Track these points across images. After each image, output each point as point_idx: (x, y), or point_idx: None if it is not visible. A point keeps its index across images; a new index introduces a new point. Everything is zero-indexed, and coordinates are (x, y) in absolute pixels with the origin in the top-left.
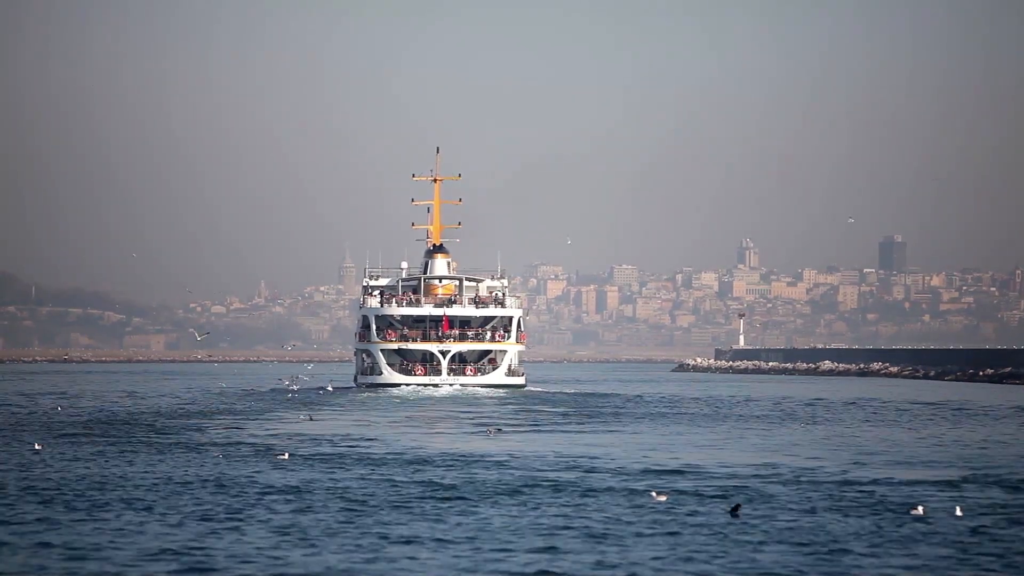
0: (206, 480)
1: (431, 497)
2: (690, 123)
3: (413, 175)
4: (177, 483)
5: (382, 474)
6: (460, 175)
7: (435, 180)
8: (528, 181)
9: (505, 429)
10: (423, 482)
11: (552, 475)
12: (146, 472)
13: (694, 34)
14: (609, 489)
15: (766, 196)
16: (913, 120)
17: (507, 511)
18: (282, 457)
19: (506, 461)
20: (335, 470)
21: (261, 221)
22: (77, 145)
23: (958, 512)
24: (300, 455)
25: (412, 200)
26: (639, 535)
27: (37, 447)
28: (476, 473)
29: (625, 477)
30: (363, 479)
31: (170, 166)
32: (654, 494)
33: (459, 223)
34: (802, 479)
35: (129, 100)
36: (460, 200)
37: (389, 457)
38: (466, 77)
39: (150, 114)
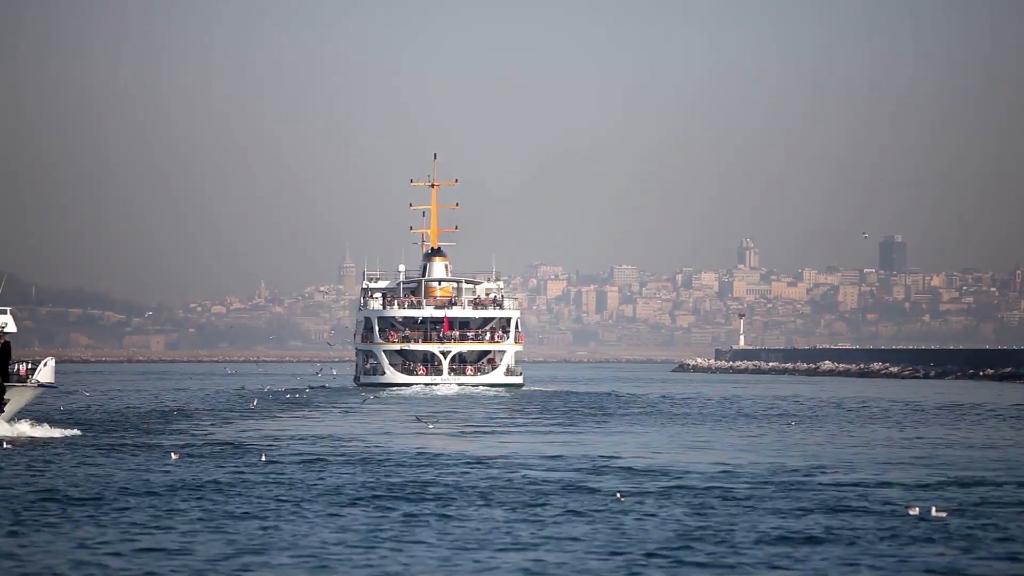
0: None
1: (392, 497)
2: (690, 123)
3: (411, 180)
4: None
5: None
6: (457, 180)
7: (432, 185)
8: (528, 181)
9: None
10: (386, 483)
11: (523, 474)
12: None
13: (694, 34)
14: (580, 488)
15: (766, 196)
16: (913, 120)
17: (465, 511)
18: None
19: (483, 461)
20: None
21: (261, 221)
22: (77, 145)
23: (934, 512)
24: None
25: (410, 205)
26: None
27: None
28: (448, 473)
29: (599, 477)
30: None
31: (170, 166)
32: (619, 495)
33: (456, 227)
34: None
35: (129, 100)
36: (457, 204)
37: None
38: (466, 77)
39: (150, 114)
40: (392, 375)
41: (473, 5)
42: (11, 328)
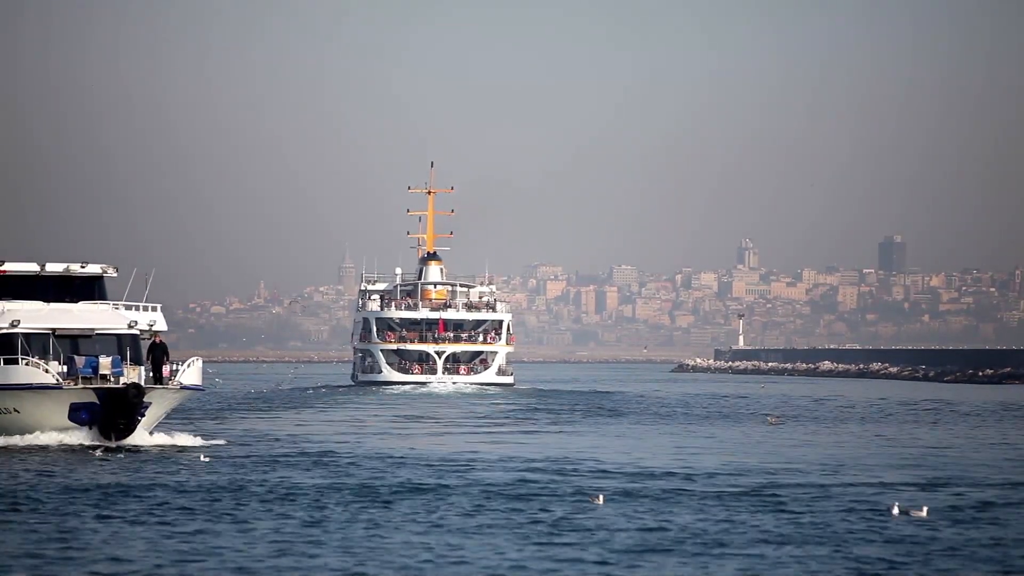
0: None
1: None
2: (690, 123)
3: (409, 187)
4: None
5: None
6: (453, 188)
7: (429, 192)
8: (527, 182)
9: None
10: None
11: (495, 475)
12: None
13: (694, 34)
14: (552, 490)
15: (766, 196)
16: (913, 120)
17: (425, 509)
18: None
19: (463, 460)
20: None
21: (261, 221)
22: (76, 144)
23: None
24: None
25: (407, 210)
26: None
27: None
28: (420, 472)
29: (577, 478)
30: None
31: (170, 166)
32: (591, 497)
33: (451, 233)
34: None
35: (129, 100)
36: (453, 211)
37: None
38: (466, 79)
39: (150, 114)
40: (388, 374)
41: (472, 6)
42: (161, 326)
